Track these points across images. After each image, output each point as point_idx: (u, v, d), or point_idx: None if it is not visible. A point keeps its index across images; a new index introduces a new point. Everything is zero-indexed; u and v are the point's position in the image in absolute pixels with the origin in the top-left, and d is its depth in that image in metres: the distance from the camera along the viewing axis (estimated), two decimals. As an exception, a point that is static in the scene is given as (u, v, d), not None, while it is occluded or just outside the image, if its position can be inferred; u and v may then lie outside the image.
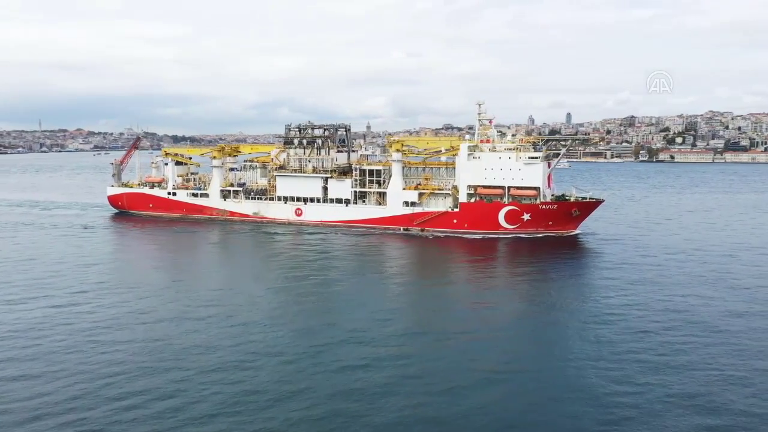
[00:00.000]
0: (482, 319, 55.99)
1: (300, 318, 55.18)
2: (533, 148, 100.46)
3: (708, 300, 61.18)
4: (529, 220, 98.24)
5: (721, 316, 55.91)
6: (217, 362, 43.93)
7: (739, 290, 65.08)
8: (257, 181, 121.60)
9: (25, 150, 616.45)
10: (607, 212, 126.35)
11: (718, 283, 68.22)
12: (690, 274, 72.20)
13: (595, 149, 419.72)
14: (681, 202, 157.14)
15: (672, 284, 67.46)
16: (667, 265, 76.95)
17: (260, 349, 46.85)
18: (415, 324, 54.22)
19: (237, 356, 45.22)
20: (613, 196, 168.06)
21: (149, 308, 57.51)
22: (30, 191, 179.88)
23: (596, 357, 45.87)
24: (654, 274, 72.08)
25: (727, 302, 60.39)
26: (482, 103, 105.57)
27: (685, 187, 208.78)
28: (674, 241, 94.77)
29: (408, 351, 46.87)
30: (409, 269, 79.70)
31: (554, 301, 62.69)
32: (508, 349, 48.23)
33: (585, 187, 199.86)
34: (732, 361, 44.88)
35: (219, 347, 47.01)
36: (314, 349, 46.79)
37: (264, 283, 69.46)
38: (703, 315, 56.13)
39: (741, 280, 69.62)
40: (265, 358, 44.83)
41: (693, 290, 64.78)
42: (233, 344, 47.76)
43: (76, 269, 74.41)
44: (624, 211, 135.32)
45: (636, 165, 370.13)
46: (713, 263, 78.86)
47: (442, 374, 42.45)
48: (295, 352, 46.16)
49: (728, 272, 73.55)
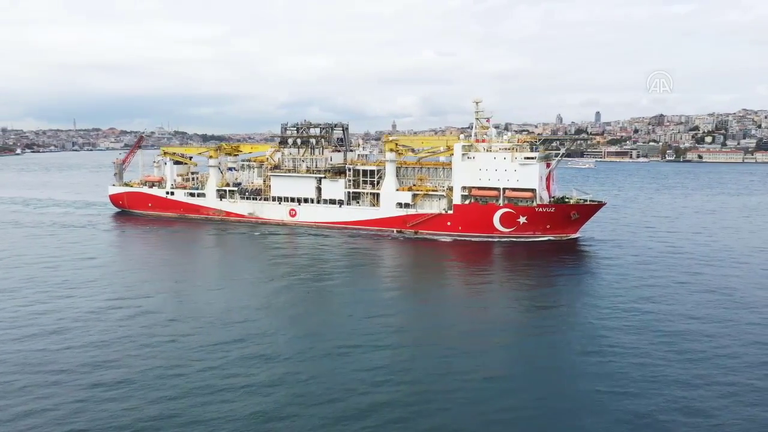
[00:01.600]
0: (469, 334, 52.29)
1: (278, 343, 50.06)
2: (530, 148, 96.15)
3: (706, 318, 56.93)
4: (525, 224, 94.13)
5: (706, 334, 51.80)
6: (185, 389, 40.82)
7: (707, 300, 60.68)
8: (253, 181, 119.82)
9: (57, 149, 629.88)
10: (610, 214, 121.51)
11: (698, 294, 63.77)
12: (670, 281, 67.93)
13: (620, 148, 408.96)
14: (677, 204, 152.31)
15: (659, 296, 63.28)
16: (651, 276, 72.64)
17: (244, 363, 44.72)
18: (400, 339, 50.68)
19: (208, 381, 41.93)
20: (617, 197, 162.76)
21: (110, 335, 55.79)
22: (38, 189, 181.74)
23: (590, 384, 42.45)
24: (641, 283, 67.93)
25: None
26: (480, 101, 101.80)
27: (697, 188, 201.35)
28: (657, 246, 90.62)
29: (397, 365, 44.54)
30: (396, 276, 75.73)
31: (544, 311, 59.27)
32: (495, 365, 45.39)
33: (595, 187, 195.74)
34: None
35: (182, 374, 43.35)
36: (295, 369, 43.68)
37: (242, 299, 63.07)
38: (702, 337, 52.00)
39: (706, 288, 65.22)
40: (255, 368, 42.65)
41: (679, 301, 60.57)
42: (200, 369, 43.86)
43: (41, 271, 73.22)
44: (622, 212, 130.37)
45: (661, 165, 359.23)
46: (688, 268, 75.79)
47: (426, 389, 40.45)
48: (277, 367, 43.90)
49: (693, 279, 69.92)
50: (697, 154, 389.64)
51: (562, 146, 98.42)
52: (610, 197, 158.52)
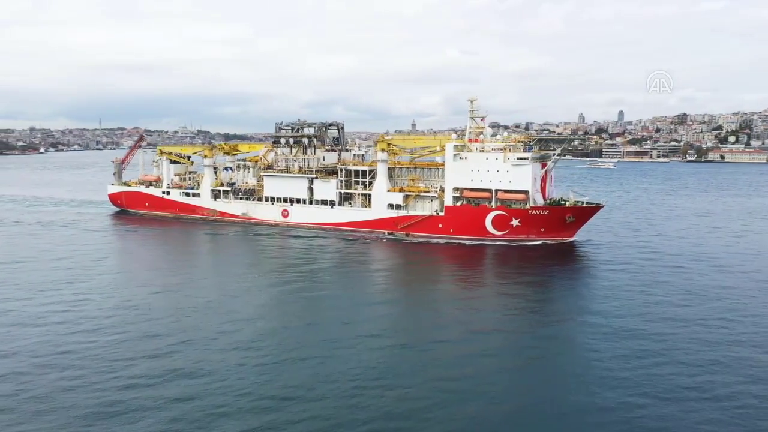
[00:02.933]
0: (447, 344, 49.56)
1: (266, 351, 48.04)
2: (524, 148, 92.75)
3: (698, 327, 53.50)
4: (518, 227, 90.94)
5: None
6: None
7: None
8: (248, 181, 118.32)
9: (81, 147, 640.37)
10: (612, 217, 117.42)
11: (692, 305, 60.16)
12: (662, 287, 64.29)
13: (640, 148, 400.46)
14: (675, 205, 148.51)
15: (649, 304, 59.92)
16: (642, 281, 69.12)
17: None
18: (389, 347, 48.17)
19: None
20: (619, 199, 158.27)
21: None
22: (42, 187, 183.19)
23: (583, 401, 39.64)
24: (633, 290, 64.61)
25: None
26: (474, 100, 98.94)
27: (706, 189, 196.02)
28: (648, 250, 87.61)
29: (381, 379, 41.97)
30: (383, 280, 73.17)
31: (531, 320, 56.35)
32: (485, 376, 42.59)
33: (602, 188, 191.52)
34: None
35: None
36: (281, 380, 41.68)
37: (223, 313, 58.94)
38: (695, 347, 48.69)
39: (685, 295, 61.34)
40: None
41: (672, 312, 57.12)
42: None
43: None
44: (622, 215, 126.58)
45: (680, 165, 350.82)
46: (672, 272, 73.08)
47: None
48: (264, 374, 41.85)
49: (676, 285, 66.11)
50: (719, 154, 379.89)
51: (558, 146, 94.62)
52: (612, 199, 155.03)
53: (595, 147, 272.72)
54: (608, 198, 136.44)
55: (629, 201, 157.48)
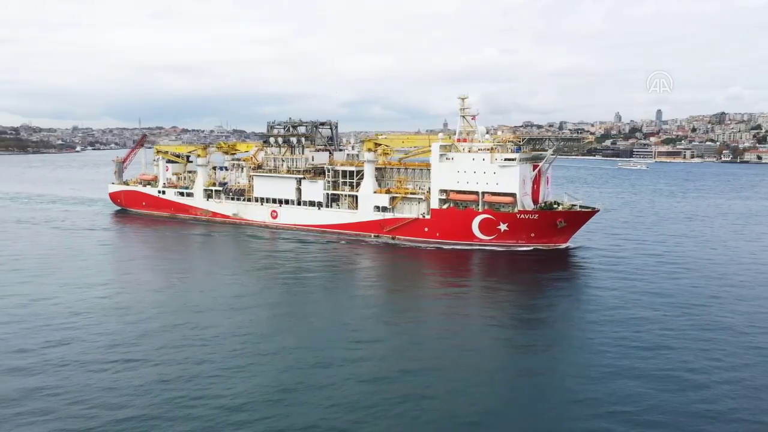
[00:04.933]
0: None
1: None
2: (514, 148, 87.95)
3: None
4: (506, 231, 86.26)
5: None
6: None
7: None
8: (239, 181, 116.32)
9: (119, 146, 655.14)
10: (613, 221, 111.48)
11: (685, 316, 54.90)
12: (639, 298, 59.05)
13: (673, 148, 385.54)
14: (675, 208, 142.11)
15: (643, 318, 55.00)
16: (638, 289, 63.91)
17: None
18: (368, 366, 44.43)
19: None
20: (620, 202, 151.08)
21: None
22: (51, 185, 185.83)
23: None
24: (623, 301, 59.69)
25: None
26: (466, 97, 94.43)
27: (720, 192, 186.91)
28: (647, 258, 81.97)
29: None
30: (364, 287, 69.28)
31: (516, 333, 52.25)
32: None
33: (613, 190, 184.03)
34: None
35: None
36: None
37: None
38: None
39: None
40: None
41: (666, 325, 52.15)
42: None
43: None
44: (621, 218, 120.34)
45: (713, 166, 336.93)
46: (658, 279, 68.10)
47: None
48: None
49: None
50: (757, 154, 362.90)
51: (550, 146, 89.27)
52: (617, 202, 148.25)
53: (610, 146, 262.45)
54: (617, 201, 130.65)
55: (629, 202, 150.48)
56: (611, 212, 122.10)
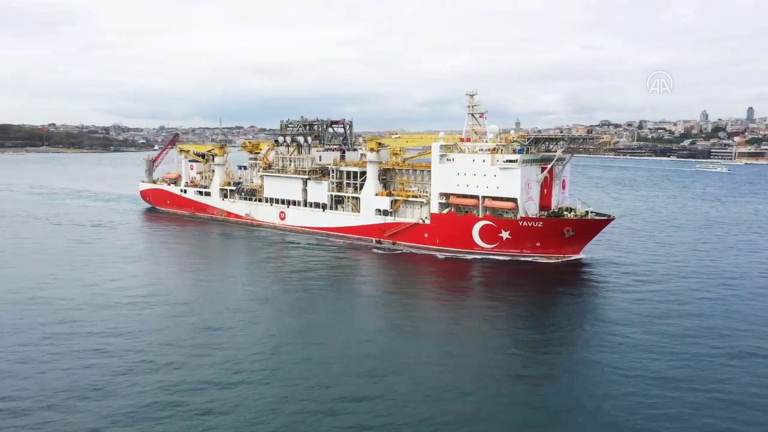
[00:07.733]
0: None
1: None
2: (518, 149, 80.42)
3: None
4: (509, 240, 79.15)
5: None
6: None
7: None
8: (253, 181, 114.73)
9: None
10: (625, 231, 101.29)
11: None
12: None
13: (756, 149, 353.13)
14: (678, 213, 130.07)
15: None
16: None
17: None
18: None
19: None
20: (647, 208, 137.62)
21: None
22: (90, 181, 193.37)
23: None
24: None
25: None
26: (475, 94, 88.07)
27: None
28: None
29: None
30: (355, 296, 65.56)
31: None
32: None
33: (640, 195, 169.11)
34: None
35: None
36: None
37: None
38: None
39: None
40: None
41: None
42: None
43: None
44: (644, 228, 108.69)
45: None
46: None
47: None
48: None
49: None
50: None
51: (559, 147, 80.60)
52: (645, 208, 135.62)
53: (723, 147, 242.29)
54: (640, 209, 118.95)
55: (651, 209, 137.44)
56: (634, 217, 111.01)
